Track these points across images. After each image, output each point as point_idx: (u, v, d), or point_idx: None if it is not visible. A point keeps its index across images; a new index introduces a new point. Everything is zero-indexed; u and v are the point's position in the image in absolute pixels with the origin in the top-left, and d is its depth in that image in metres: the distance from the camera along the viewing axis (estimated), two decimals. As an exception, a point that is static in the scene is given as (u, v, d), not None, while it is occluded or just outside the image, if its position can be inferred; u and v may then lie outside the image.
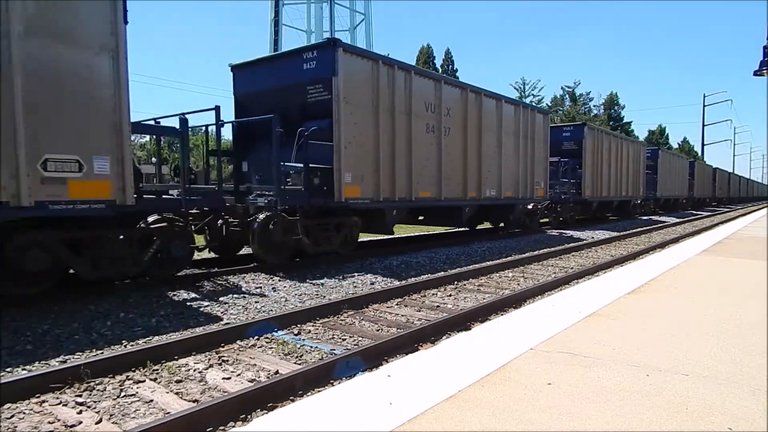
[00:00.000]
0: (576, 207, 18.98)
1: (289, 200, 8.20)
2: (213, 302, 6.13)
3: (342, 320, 5.53)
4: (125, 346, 4.55)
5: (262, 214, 8.06)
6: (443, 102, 11.07)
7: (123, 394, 3.52)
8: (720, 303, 4.29)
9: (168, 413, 3.19)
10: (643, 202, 26.34)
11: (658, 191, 28.06)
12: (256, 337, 4.82)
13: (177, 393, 3.57)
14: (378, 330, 5.21)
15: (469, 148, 12.03)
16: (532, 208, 15.92)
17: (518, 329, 3.47)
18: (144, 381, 3.75)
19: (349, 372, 3.88)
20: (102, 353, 4.27)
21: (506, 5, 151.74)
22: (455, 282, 7.69)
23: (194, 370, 3.97)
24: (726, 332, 3.40)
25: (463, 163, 11.87)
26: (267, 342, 4.73)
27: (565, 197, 18.06)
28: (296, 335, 4.98)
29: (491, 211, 14.13)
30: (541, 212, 16.86)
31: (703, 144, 60.18)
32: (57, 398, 3.43)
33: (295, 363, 4.18)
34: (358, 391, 2.40)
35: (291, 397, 3.45)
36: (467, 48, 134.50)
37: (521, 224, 15.56)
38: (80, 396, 3.47)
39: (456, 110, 11.60)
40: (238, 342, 4.67)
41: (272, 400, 3.34)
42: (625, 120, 59.97)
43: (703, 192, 40.29)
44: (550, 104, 52.92)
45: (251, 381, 3.77)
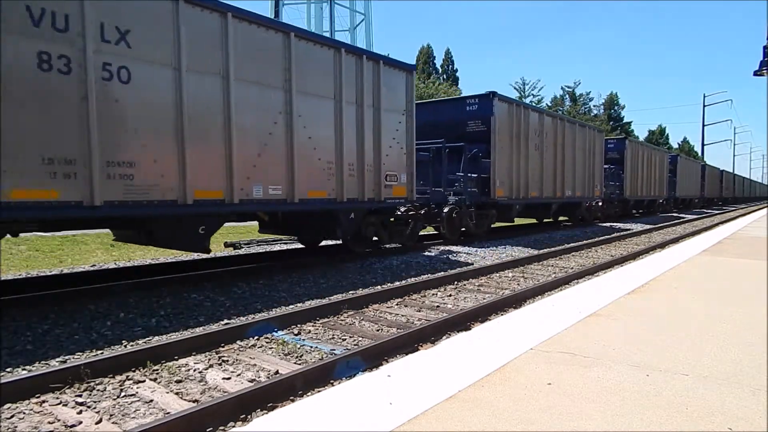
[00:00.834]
0: (619, 204, 22.90)
1: (470, 198, 12.74)
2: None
3: (342, 320, 5.53)
4: (125, 346, 4.55)
5: (447, 207, 12.20)
6: (544, 128, 15.52)
7: (123, 394, 3.52)
8: (720, 303, 4.29)
9: (168, 413, 3.19)
10: (665, 201, 30.24)
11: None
12: (256, 337, 4.82)
13: (177, 393, 3.57)
14: (378, 330, 5.21)
15: (557, 160, 16.30)
16: (589, 205, 19.61)
17: (518, 329, 3.47)
18: (144, 381, 3.75)
19: (349, 372, 3.89)
20: (102, 353, 4.27)
21: (506, 5, 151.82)
22: (455, 282, 7.69)
23: (194, 370, 3.98)
24: (726, 332, 3.40)
25: (553, 172, 16.15)
26: (267, 342, 4.73)
27: (613, 196, 22.11)
28: (296, 335, 4.98)
29: (567, 207, 18.27)
30: (597, 209, 20.46)
31: (703, 144, 60.27)
32: (57, 398, 3.43)
33: (295, 363, 4.18)
34: (358, 391, 2.40)
35: (291, 397, 3.45)
36: (467, 48, 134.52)
37: (584, 218, 19.48)
38: (80, 396, 3.47)
39: (550, 133, 15.94)
40: (238, 342, 4.67)
41: (272, 400, 3.35)
42: (625, 120, 60.00)
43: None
44: (550, 104, 52.93)
45: (251, 381, 3.77)
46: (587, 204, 19.70)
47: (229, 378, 3.83)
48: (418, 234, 11.26)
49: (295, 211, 8.36)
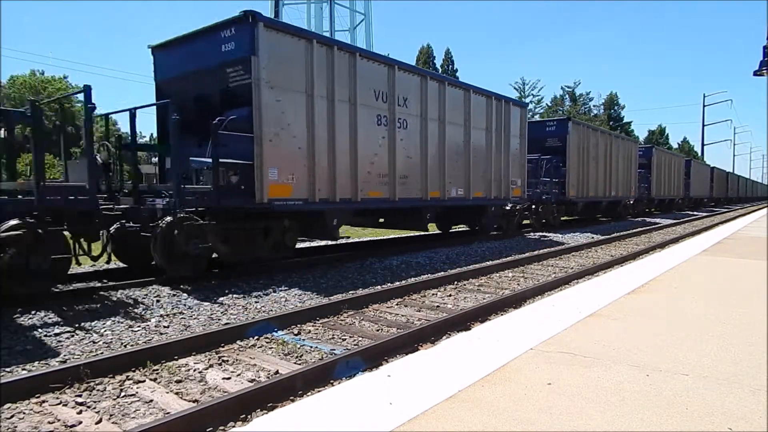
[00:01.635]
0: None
1: (554, 197, 16.48)
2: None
3: (342, 320, 5.53)
4: (125, 346, 4.55)
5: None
6: (598, 142, 18.26)
7: (123, 394, 3.52)
8: (720, 303, 4.29)
9: (168, 413, 3.19)
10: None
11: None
12: (256, 337, 4.81)
13: (177, 393, 3.57)
14: (378, 330, 5.21)
15: (606, 167, 16.63)
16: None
17: (518, 329, 3.47)
18: (144, 381, 3.75)
19: (349, 372, 3.88)
20: (102, 353, 4.27)
21: (506, 5, 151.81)
22: (455, 282, 7.69)
23: (194, 370, 3.97)
24: (726, 332, 3.40)
25: (604, 176, 18.58)
26: (267, 342, 4.73)
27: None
28: (296, 335, 4.98)
29: (611, 205, 20.46)
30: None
31: (703, 144, 60.34)
32: (57, 398, 3.43)
33: (295, 363, 4.18)
34: (358, 391, 2.40)
35: (291, 397, 3.45)
36: (467, 48, 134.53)
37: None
38: (80, 396, 3.47)
39: (601, 146, 18.68)
40: (238, 342, 4.67)
41: (272, 400, 3.34)
42: (625, 120, 60.01)
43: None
44: (550, 104, 52.96)
45: (251, 381, 3.77)
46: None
47: (229, 378, 3.83)
48: (521, 223, 15.27)
49: (470, 206, 12.89)
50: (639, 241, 14.33)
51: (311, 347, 4.60)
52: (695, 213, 33.32)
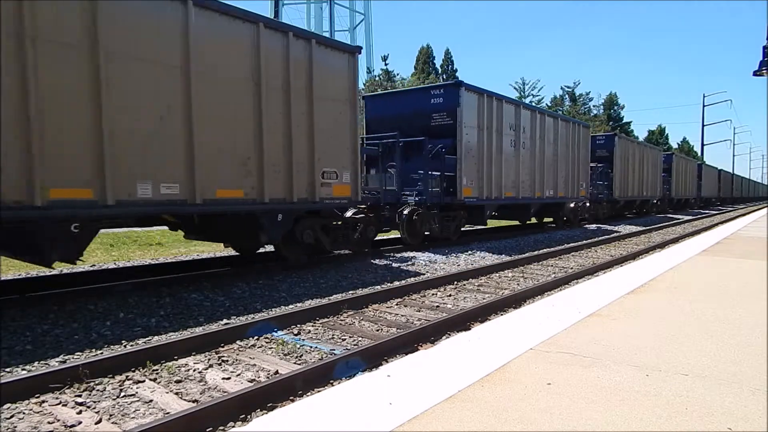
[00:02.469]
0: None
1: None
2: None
3: (342, 320, 5.53)
4: (125, 346, 4.55)
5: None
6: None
7: (123, 394, 3.52)
8: (720, 303, 4.29)
9: (168, 413, 3.19)
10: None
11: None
12: (256, 337, 4.81)
13: (177, 393, 3.57)
14: (378, 330, 5.21)
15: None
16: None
17: (518, 329, 3.47)
18: (144, 381, 3.75)
19: (349, 372, 3.88)
20: (102, 353, 4.27)
21: (506, 5, 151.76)
22: (455, 282, 7.68)
23: (194, 370, 3.97)
24: (726, 332, 3.40)
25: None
26: (267, 342, 4.72)
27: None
28: (296, 335, 4.98)
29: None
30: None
31: (703, 144, 60.23)
32: (57, 398, 3.43)
33: (295, 363, 4.18)
34: (358, 391, 2.40)
35: (291, 397, 3.45)
36: (467, 48, 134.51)
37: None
38: (80, 396, 3.47)
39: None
40: (238, 342, 4.67)
41: (272, 400, 3.34)
42: (625, 120, 59.97)
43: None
44: (550, 104, 52.90)
45: (251, 381, 3.77)
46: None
47: (229, 378, 3.83)
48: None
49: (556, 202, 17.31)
50: (639, 241, 14.33)
51: (311, 347, 4.60)
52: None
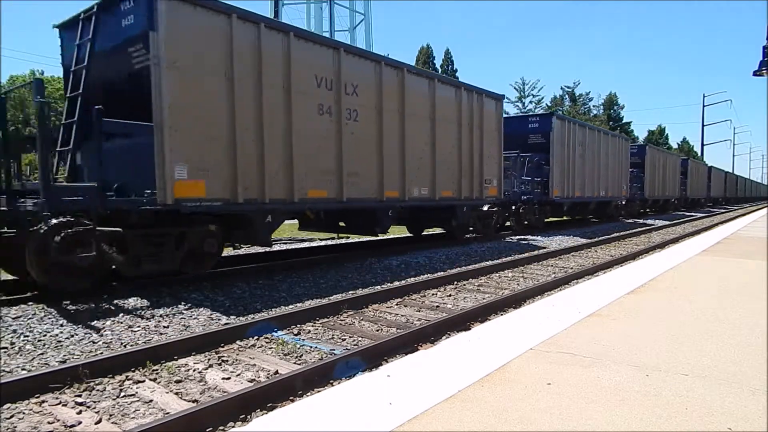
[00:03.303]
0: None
1: (535, 197, 16.42)
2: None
3: (342, 320, 5.53)
4: (124, 347, 4.55)
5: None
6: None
7: (122, 395, 3.51)
8: (720, 303, 4.29)
9: (168, 413, 3.19)
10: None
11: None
12: (256, 337, 4.81)
13: (177, 393, 3.56)
14: (378, 330, 5.21)
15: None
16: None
17: (518, 329, 3.47)
18: (144, 381, 3.75)
19: (349, 372, 3.88)
20: (101, 353, 4.27)
21: (506, 5, 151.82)
22: (455, 282, 7.68)
23: (194, 370, 3.97)
24: (726, 332, 3.40)
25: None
26: (267, 342, 4.72)
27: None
28: (296, 335, 4.98)
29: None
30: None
31: (703, 144, 60.34)
32: (56, 398, 3.43)
33: (295, 363, 4.18)
34: (358, 391, 2.40)
35: (291, 397, 3.45)
36: (467, 48, 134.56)
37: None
38: (80, 396, 3.47)
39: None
40: (238, 342, 4.67)
41: (272, 400, 3.34)
42: (625, 120, 60.01)
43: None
44: (550, 104, 52.91)
45: (251, 381, 3.77)
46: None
47: (229, 378, 3.83)
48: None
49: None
50: (639, 241, 14.33)
51: (311, 347, 4.60)
52: (692, 214, 31.27)
